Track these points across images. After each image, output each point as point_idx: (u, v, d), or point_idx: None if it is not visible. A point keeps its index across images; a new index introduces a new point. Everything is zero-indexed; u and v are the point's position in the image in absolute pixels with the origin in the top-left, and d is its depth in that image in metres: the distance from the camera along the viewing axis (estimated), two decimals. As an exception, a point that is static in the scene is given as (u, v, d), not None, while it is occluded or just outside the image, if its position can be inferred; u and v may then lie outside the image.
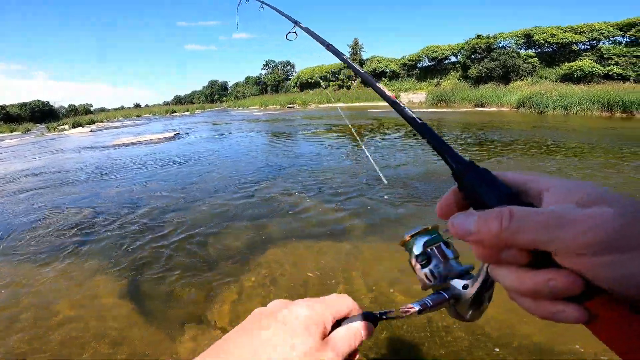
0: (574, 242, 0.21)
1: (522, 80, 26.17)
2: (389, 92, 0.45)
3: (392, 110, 0.40)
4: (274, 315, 0.33)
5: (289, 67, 55.77)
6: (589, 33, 26.32)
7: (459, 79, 31.34)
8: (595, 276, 0.21)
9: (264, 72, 57.28)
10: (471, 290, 0.34)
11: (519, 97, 19.32)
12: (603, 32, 25.82)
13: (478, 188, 0.28)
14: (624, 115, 15.03)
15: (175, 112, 48.12)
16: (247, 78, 59.33)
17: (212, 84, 70.03)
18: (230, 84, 68.68)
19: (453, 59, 34.18)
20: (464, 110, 20.73)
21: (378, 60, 39.55)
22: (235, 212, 4.66)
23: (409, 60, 36.31)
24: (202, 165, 8.10)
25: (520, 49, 29.98)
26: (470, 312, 0.35)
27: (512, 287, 0.25)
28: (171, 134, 15.82)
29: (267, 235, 3.87)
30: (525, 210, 0.23)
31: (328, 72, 44.91)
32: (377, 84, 0.47)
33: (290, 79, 53.76)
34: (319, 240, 3.64)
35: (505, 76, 26.99)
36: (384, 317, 0.36)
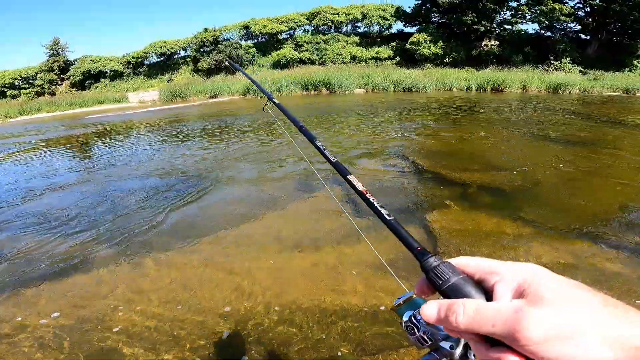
0: (510, 334, 0.29)
1: (246, 69, 30.80)
2: (360, 186, 0.53)
3: (115, 113, 0.54)
4: None
5: None
6: (287, 23, 33.57)
7: (191, 73, 32.89)
8: (531, 354, 0.29)
9: None
10: (457, 350, 0.42)
11: (243, 86, 22.97)
12: (296, 21, 33.67)
13: (439, 280, 0.35)
14: (316, 92, 22.27)
15: None
16: None
17: None
18: None
19: (183, 53, 35.35)
20: (200, 102, 22.26)
21: (92, 60, 34.99)
22: None
23: (133, 58, 34.53)
24: None
25: (242, 40, 34.93)
26: None
27: (476, 355, 0.34)
28: None
29: None
30: (475, 304, 0.32)
31: (16, 79, 35.36)
32: (348, 175, 0.55)
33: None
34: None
35: (232, 67, 30.91)
36: None
